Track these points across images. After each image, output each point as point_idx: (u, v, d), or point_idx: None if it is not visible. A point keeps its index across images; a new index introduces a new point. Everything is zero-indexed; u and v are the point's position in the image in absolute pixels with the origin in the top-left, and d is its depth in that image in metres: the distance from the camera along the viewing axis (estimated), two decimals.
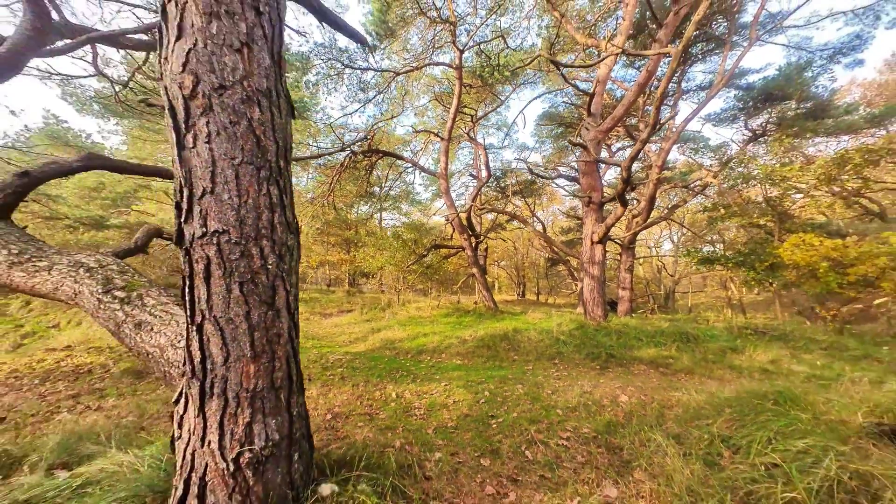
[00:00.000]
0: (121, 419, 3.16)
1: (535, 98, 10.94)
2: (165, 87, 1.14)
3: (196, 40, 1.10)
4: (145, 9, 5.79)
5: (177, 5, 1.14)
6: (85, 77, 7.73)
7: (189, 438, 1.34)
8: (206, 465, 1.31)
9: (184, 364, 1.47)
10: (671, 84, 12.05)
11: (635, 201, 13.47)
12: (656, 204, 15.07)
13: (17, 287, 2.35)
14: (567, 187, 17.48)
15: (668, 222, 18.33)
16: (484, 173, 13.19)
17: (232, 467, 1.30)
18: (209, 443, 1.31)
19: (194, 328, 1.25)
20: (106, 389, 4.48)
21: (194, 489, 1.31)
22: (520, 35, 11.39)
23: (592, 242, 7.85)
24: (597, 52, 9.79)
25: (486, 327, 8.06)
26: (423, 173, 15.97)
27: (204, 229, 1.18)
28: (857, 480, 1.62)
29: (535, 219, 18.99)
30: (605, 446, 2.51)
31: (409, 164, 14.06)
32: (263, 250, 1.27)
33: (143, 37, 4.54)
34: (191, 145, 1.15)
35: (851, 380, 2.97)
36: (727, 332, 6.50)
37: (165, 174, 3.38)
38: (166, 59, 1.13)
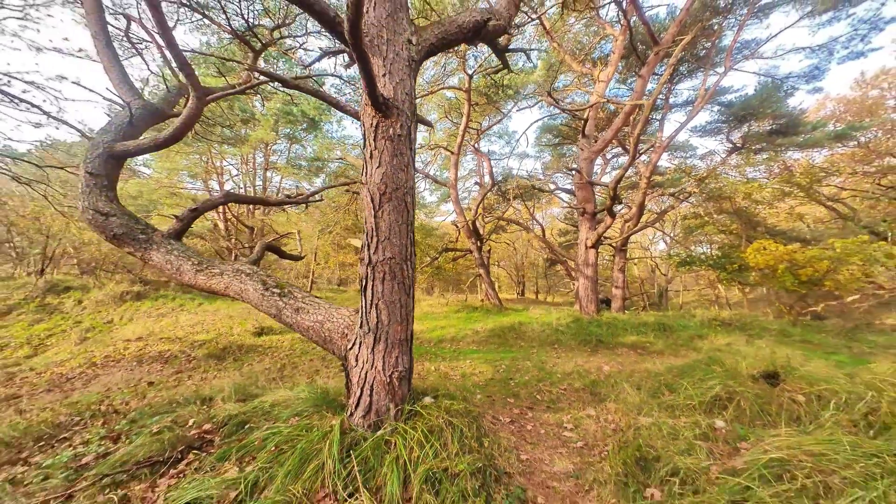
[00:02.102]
0: (239, 380, 4.32)
1: (536, 121, 12.08)
2: (368, 189, 2.30)
3: (386, 168, 2.26)
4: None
5: (373, 154, 2.32)
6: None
7: (363, 366, 2.52)
8: (374, 378, 2.49)
9: (346, 329, 2.65)
10: (659, 98, 13.25)
11: (627, 207, 14.71)
12: (648, 208, 16.34)
13: (200, 286, 3.52)
14: (564, 197, 18.64)
15: (661, 224, 19.62)
16: (488, 180, 14.40)
17: (388, 380, 2.48)
18: (376, 367, 2.48)
19: (372, 306, 2.41)
20: (200, 368, 5.63)
21: (367, 390, 2.49)
22: (521, 58, 12.59)
23: (586, 247, 9.06)
24: (590, 78, 10.98)
25: (494, 321, 9.26)
26: (428, 179, 17.13)
27: (384, 256, 2.34)
28: (727, 394, 2.83)
29: (535, 221, 20.22)
30: (589, 392, 3.72)
31: (421, 175, 15.20)
32: (407, 268, 2.43)
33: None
34: (380, 216, 2.31)
35: (758, 349, 4.17)
36: (699, 323, 7.73)
37: (273, 203, 4.53)
38: (371, 175, 2.29)
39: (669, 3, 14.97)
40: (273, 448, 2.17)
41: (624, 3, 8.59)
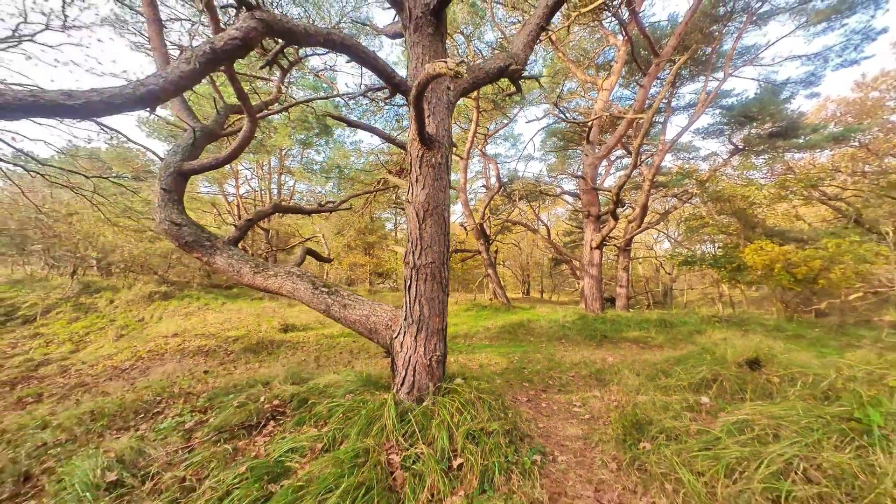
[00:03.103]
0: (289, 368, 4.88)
1: (542, 128, 12.53)
2: (413, 207, 2.83)
3: (429, 190, 2.80)
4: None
5: (418, 179, 2.85)
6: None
7: (407, 351, 3.05)
8: (417, 361, 3.02)
9: (390, 321, 3.20)
10: (662, 101, 13.65)
11: (631, 208, 15.13)
12: (652, 208, 16.74)
13: (258, 286, 4.08)
14: (569, 199, 19.06)
15: (665, 223, 19.98)
16: (494, 182, 14.89)
17: (428, 363, 3.01)
18: (418, 352, 3.02)
19: (416, 302, 2.94)
20: (241, 360, 6.23)
21: (411, 371, 3.02)
22: (527, 67, 13.07)
23: (591, 248, 9.54)
24: (594, 85, 11.43)
25: (503, 318, 9.78)
26: None
27: (426, 261, 2.87)
28: (713, 376, 3.33)
29: (539, 222, 20.69)
30: (595, 378, 4.23)
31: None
32: (443, 270, 2.97)
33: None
34: (423, 228, 2.84)
35: (748, 341, 4.65)
36: (699, 320, 8.18)
37: (309, 211, 5.09)
38: (416, 195, 2.82)
39: (671, 11, 15.28)
40: (341, 415, 2.71)
41: (625, 14, 9.04)
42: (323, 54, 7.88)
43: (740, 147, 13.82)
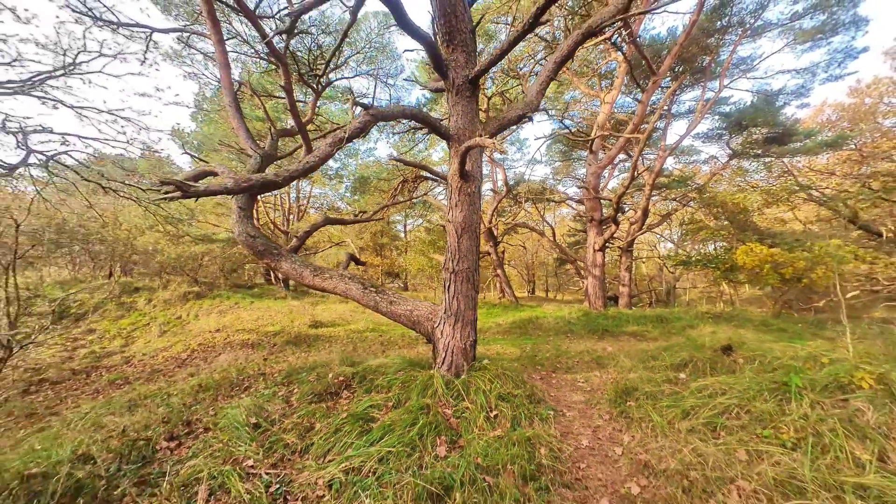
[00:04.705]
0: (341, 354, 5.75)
1: (549, 137, 13.27)
2: (453, 225, 3.67)
3: (466, 213, 3.63)
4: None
5: (457, 204, 3.69)
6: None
7: (447, 337, 3.90)
8: (454, 345, 3.87)
9: (430, 314, 4.05)
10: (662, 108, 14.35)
11: (632, 210, 15.86)
12: (656, 209, 17.44)
13: (317, 286, 4.95)
14: (573, 203, 19.80)
15: (668, 224, 20.67)
16: (501, 186, 15.67)
17: (464, 346, 3.86)
18: (455, 338, 3.87)
19: (454, 298, 3.79)
20: (287, 351, 7.12)
21: (450, 353, 3.87)
22: (534, 75, 13.85)
23: (594, 250, 10.32)
24: (595, 97, 12.19)
25: (513, 315, 10.60)
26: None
27: (462, 267, 3.72)
28: (691, 358, 4.14)
29: (545, 223, 21.45)
30: (596, 363, 5.05)
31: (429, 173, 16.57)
32: (475, 274, 3.81)
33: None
34: (461, 242, 3.68)
35: (727, 332, 5.44)
36: (692, 316, 8.94)
37: (349, 221, 5.95)
38: (455, 216, 3.66)
39: (670, 25, 15.88)
40: (400, 385, 3.57)
41: (624, 32, 9.77)
42: (351, 77, 8.79)
43: (738, 152, 14.51)
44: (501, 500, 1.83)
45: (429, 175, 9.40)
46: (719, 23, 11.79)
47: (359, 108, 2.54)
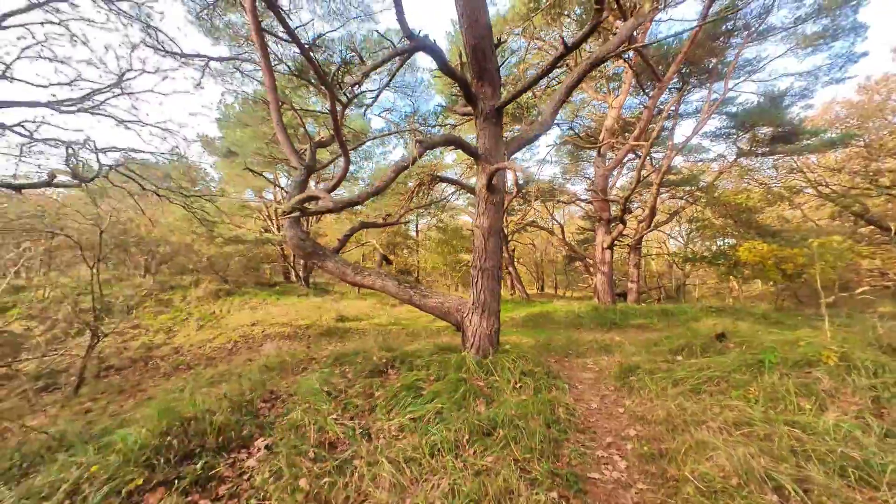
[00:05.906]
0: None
1: (559, 143, 13.76)
2: (480, 230, 4.34)
3: (491, 219, 4.30)
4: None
5: (484, 212, 4.37)
6: None
7: (475, 326, 4.58)
8: (481, 332, 4.56)
9: (458, 306, 4.75)
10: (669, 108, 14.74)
11: (641, 209, 16.31)
12: (665, 206, 17.85)
13: (358, 283, 5.67)
14: (582, 203, 20.26)
15: (678, 221, 21.03)
16: (512, 187, 16.27)
17: (489, 333, 4.54)
18: (482, 326, 4.55)
19: (481, 292, 4.46)
20: (322, 341, 7.90)
21: (478, 339, 4.56)
22: (543, 81, 14.37)
23: (603, 249, 10.88)
24: (605, 98, 12.68)
25: (525, 310, 11.25)
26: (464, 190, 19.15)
27: (489, 265, 4.39)
28: (688, 344, 4.75)
29: (554, 220, 21.96)
30: (604, 350, 5.69)
31: (456, 184, 17.23)
32: (499, 271, 4.48)
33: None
34: (487, 243, 4.35)
35: (722, 321, 6.01)
36: (697, 310, 9.46)
37: (380, 225, 6.68)
38: (482, 222, 4.32)
39: (677, 29, 16.15)
40: (437, 364, 4.27)
41: (630, 41, 10.26)
42: (374, 90, 9.47)
43: (745, 151, 14.82)
44: (532, 436, 2.51)
45: (448, 180, 10.07)
46: (724, 26, 12.15)
47: (416, 143, 3.22)
